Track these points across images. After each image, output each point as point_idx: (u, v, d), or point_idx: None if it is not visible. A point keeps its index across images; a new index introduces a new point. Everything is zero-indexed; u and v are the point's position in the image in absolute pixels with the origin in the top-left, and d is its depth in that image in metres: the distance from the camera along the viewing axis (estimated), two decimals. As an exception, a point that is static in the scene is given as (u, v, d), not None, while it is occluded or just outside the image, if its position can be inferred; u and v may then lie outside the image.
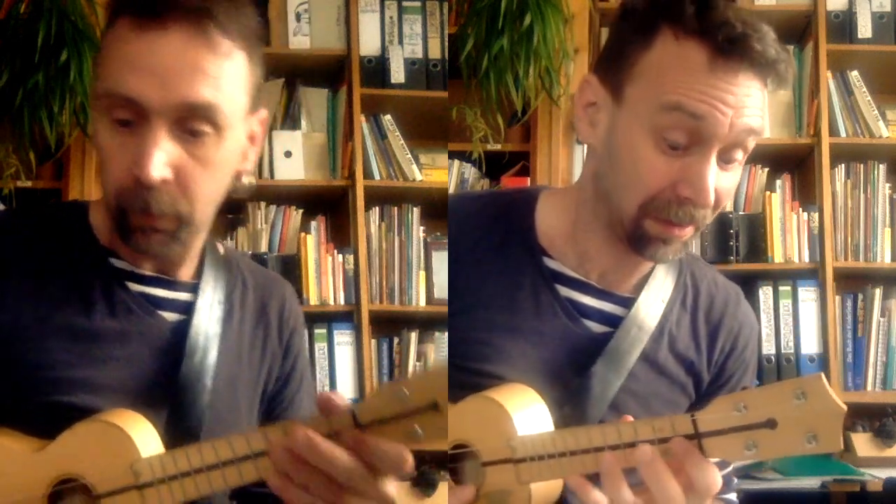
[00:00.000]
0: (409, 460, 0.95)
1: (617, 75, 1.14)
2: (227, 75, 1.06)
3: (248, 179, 1.15)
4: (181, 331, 1.15)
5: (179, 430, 1.07)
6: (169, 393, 1.11)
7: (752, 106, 1.09)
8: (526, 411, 1.13)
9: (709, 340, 1.27)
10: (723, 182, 1.12)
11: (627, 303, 1.22)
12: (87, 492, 1.02)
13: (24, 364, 1.07)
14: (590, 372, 1.17)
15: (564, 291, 1.21)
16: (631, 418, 1.06)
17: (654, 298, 1.23)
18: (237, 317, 1.22)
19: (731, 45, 1.07)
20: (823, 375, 0.95)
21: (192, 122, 1.04)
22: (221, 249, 1.25)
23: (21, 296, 1.09)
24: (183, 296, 1.17)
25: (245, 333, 1.23)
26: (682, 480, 1.00)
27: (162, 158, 1.03)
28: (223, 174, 1.10)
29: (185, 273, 1.18)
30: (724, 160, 1.11)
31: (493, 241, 1.24)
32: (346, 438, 0.94)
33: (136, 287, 1.15)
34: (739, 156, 1.12)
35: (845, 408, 0.94)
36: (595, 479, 1.05)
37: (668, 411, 1.23)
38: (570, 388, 1.17)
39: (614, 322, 1.21)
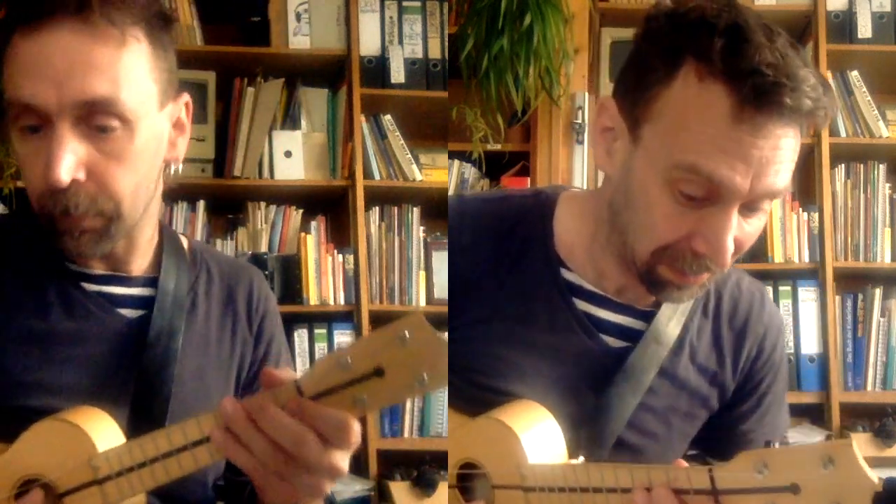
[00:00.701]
0: (353, 426, 0.92)
1: (635, 109, 1.05)
2: (124, 66, 1.03)
3: (176, 167, 1.14)
4: (141, 326, 1.14)
5: (144, 424, 1.06)
6: (132, 387, 1.11)
7: (779, 162, 0.99)
8: (535, 431, 1.10)
9: (734, 348, 1.22)
10: (745, 230, 1.05)
11: (647, 316, 1.17)
12: (50, 490, 1.02)
13: None
14: (608, 390, 1.14)
15: (582, 305, 1.17)
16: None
17: (674, 311, 1.18)
18: (202, 308, 1.21)
19: (759, 97, 0.96)
20: (854, 443, 0.88)
21: (95, 118, 1.02)
22: (185, 242, 1.24)
23: None
24: (141, 291, 1.17)
25: (212, 323, 1.22)
26: None
27: (70, 160, 1.01)
28: (143, 166, 1.07)
29: (140, 268, 1.17)
30: (749, 209, 1.03)
31: (509, 249, 1.18)
32: (289, 407, 0.92)
33: (91, 287, 1.14)
34: (766, 206, 1.04)
35: (877, 481, 0.86)
36: None
37: (687, 425, 1.22)
38: (586, 407, 1.14)
39: (632, 336, 1.17)
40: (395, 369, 0.90)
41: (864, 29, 2.87)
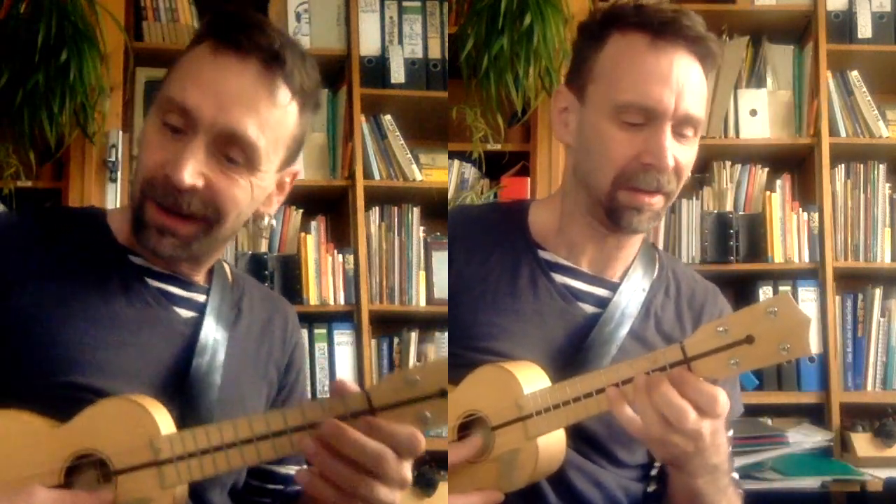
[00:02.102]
0: (422, 441, 1.02)
1: (579, 79, 1.34)
2: (275, 123, 1.15)
3: (266, 222, 1.25)
4: (194, 327, 1.21)
5: (188, 420, 1.10)
6: (181, 385, 1.16)
7: (692, 87, 1.27)
8: (527, 375, 1.22)
9: (693, 324, 1.40)
10: (681, 155, 1.29)
11: (616, 287, 1.37)
12: (105, 466, 1.04)
13: (43, 345, 1.11)
14: (584, 346, 1.30)
15: (559, 278, 1.36)
16: None
17: (635, 287, 1.37)
18: (245, 323, 1.29)
19: (664, 26, 1.26)
20: (789, 293, 1.05)
21: (229, 148, 1.13)
22: (227, 267, 1.33)
23: (43, 282, 1.14)
24: (197, 296, 1.24)
25: (251, 340, 1.29)
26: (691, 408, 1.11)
27: (197, 167, 1.12)
28: (245, 205, 1.18)
29: (199, 276, 1.26)
30: (679, 134, 1.28)
31: (494, 240, 1.39)
32: (360, 424, 1.00)
33: (153, 283, 1.21)
34: (690, 132, 1.29)
35: (811, 318, 1.06)
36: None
37: None
38: (568, 361, 1.28)
39: (604, 304, 1.35)
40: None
41: (864, 29, 2.87)
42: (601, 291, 1.37)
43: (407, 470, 1.02)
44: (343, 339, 2.78)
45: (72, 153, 2.64)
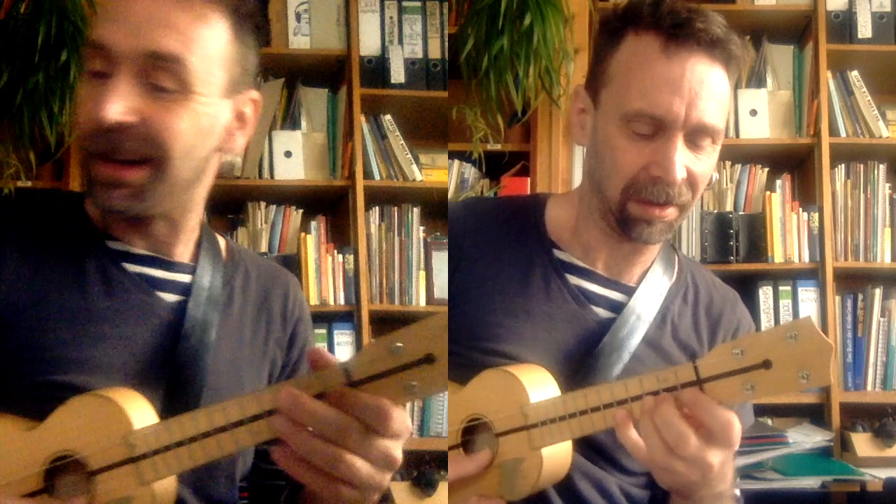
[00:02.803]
0: (392, 412, 0.94)
1: (595, 82, 1.28)
2: (200, 38, 1.08)
3: (230, 158, 1.15)
4: (179, 311, 1.15)
5: (177, 409, 1.05)
6: (166, 372, 1.11)
7: (707, 93, 1.19)
8: (534, 381, 1.18)
9: (710, 332, 1.35)
10: (696, 166, 1.22)
11: (632, 292, 1.31)
12: (83, 467, 1.00)
13: (20, 344, 1.07)
14: (595, 352, 1.24)
15: (573, 280, 1.31)
16: None
17: (652, 292, 1.31)
18: (238, 303, 1.23)
19: (677, 29, 1.19)
20: (812, 317, 1.02)
21: (156, 75, 1.05)
22: (223, 241, 1.26)
23: (18, 277, 1.09)
24: (181, 277, 1.17)
25: (246, 320, 1.23)
26: (702, 433, 1.05)
27: (122, 101, 1.04)
28: (196, 133, 1.09)
29: (182, 254, 1.19)
30: (693, 144, 1.21)
31: (508, 237, 1.34)
32: (330, 395, 0.93)
33: (132, 268, 1.15)
34: (707, 143, 1.22)
35: (833, 345, 1.00)
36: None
37: None
38: (578, 367, 1.24)
39: (619, 308, 1.29)
40: (445, 357, 0.93)
41: (864, 29, 2.87)
42: (616, 295, 1.31)
43: (390, 447, 0.96)
44: (343, 339, 2.78)
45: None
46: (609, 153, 1.24)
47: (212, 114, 1.11)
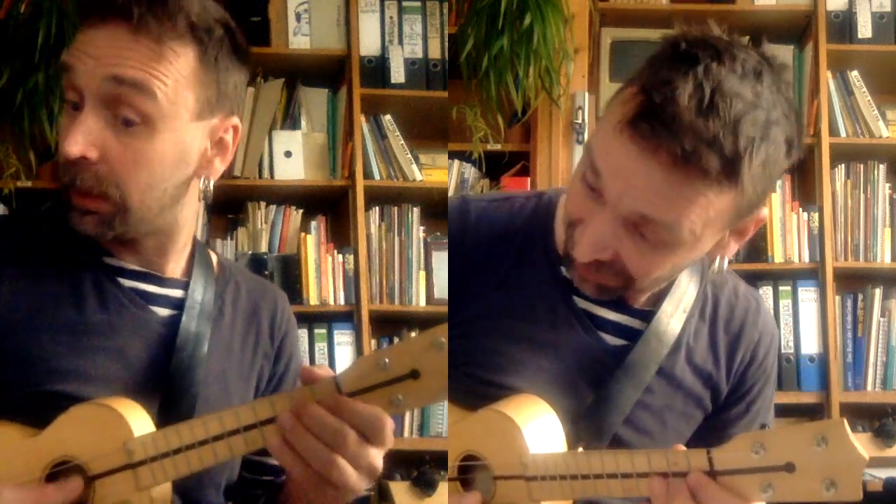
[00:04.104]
0: (388, 423, 0.98)
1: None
2: (167, 65, 1.07)
3: (202, 185, 1.15)
4: (172, 325, 1.17)
5: (171, 419, 1.08)
6: (160, 384, 1.13)
7: (654, 190, 1.00)
8: (536, 423, 1.12)
9: (728, 351, 1.25)
10: (635, 250, 1.06)
11: (645, 315, 1.20)
12: (83, 472, 1.03)
13: (17, 356, 1.09)
14: (608, 386, 1.16)
15: (582, 303, 1.19)
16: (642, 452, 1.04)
17: (677, 309, 1.20)
18: (228, 316, 1.25)
19: (637, 114, 1.00)
20: (846, 422, 0.93)
21: (121, 108, 1.06)
22: (214, 257, 1.28)
23: (14, 292, 1.11)
24: (174, 292, 1.20)
25: (236, 333, 1.25)
26: None
27: (83, 135, 1.06)
28: (160, 168, 1.10)
29: (174, 270, 1.21)
30: (636, 229, 1.04)
31: (511, 249, 1.22)
32: (326, 403, 0.97)
33: (127, 283, 1.17)
34: (651, 235, 1.04)
35: (867, 457, 0.92)
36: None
37: (682, 424, 1.23)
38: (585, 402, 1.17)
39: (630, 335, 1.19)
40: (431, 373, 0.96)
41: (864, 29, 2.87)
42: (627, 320, 1.20)
43: (375, 457, 0.99)
44: (343, 339, 2.78)
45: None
46: (569, 187, 1.13)
47: (182, 140, 1.10)
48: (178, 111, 1.09)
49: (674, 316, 1.20)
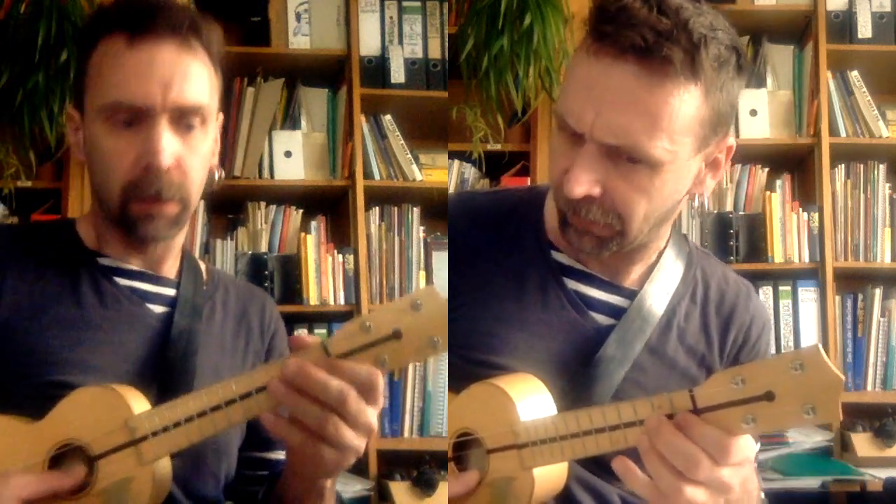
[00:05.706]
0: (380, 378, 1.03)
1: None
2: (207, 81, 1.21)
3: (218, 175, 1.28)
4: (167, 321, 1.24)
5: None
6: (157, 375, 1.19)
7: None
8: (530, 399, 1.15)
9: (720, 333, 1.28)
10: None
11: (634, 296, 1.25)
12: (85, 454, 1.08)
13: (22, 351, 1.15)
14: (594, 360, 1.20)
15: (572, 284, 1.25)
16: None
17: (660, 290, 1.25)
18: (219, 316, 1.32)
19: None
20: (821, 346, 0.95)
21: (185, 118, 1.18)
22: (203, 265, 1.36)
23: (18, 294, 1.19)
24: (167, 291, 1.27)
25: (227, 332, 1.32)
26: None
27: (171, 148, 1.16)
28: (206, 164, 1.23)
29: (169, 270, 1.29)
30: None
31: (504, 236, 1.28)
32: (322, 366, 1.02)
33: (123, 282, 1.25)
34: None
35: (843, 378, 0.94)
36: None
37: None
38: (575, 378, 1.20)
39: (619, 314, 1.24)
40: (411, 333, 1.02)
41: (864, 29, 2.87)
42: (616, 300, 1.25)
43: (371, 415, 1.03)
44: (343, 339, 2.77)
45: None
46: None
47: (210, 138, 1.24)
48: (213, 113, 1.24)
49: (658, 296, 1.25)
